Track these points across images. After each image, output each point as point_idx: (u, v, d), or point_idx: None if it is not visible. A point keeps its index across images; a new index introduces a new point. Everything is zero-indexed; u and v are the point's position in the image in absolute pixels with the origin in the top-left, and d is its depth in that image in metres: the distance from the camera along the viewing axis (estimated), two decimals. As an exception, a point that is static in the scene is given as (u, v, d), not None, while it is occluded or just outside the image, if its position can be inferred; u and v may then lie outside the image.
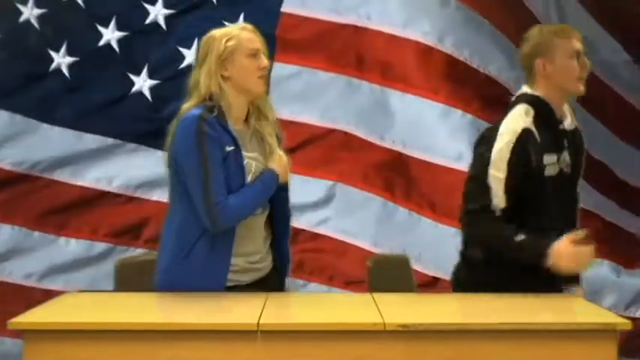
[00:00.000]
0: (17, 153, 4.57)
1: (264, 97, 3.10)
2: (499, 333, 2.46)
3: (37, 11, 4.59)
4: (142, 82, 4.60)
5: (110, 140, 4.62)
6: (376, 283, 3.66)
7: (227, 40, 3.02)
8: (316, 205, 4.59)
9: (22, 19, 4.58)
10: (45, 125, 4.58)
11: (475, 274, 3.16)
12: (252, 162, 3.01)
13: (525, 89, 3.20)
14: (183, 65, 4.61)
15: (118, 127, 4.62)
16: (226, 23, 3.48)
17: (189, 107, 3.00)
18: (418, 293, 3.82)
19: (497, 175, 3.03)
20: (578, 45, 3.14)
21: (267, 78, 3.09)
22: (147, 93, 4.60)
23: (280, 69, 4.61)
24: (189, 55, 4.61)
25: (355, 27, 4.72)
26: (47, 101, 4.59)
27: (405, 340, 2.43)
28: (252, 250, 3.03)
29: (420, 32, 4.70)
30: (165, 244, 3.03)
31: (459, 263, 3.27)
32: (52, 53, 4.58)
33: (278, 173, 3.03)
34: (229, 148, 2.94)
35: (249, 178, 2.98)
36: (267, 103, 3.11)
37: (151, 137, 4.54)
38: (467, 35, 4.73)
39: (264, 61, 3.05)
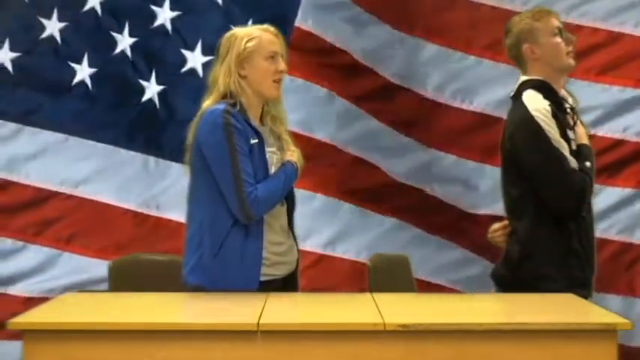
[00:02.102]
0: (45, 170, 4.47)
1: (278, 101, 3.14)
2: (499, 333, 2.46)
3: (60, 25, 4.55)
4: (151, 88, 4.56)
5: (127, 153, 4.53)
6: (376, 283, 3.66)
7: (248, 41, 3.07)
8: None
9: (45, 34, 4.55)
10: (72, 139, 4.52)
11: (513, 272, 3.22)
12: (273, 155, 3.07)
13: (523, 78, 3.30)
14: (185, 69, 4.58)
15: (132, 137, 4.55)
16: (233, 27, 3.46)
17: (209, 104, 3.05)
18: (418, 293, 3.82)
19: (561, 145, 3.13)
20: (557, 22, 3.29)
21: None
22: (156, 99, 4.56)
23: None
24: (192, 59, 4.58)
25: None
26: (74, 115, 4.53)
27: (405, 340, 2.43)
28: (278, 240, 3.08)
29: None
30: (195, 242, 3.04)
31: (499, 262, 3.33)
32: (75, 66, 4.55)
33: (297, 165, 3.10)
34: (253, 141, 3.01)
35: (272, 170, 3.04)
36: (280, 107, 3.15)
37: (165, 149, 4.50)
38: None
39: (282, 65, 3.09)
